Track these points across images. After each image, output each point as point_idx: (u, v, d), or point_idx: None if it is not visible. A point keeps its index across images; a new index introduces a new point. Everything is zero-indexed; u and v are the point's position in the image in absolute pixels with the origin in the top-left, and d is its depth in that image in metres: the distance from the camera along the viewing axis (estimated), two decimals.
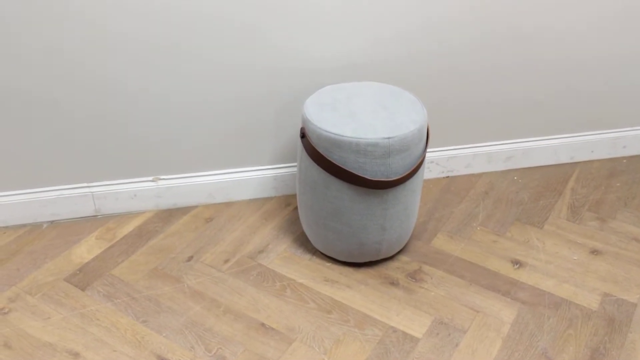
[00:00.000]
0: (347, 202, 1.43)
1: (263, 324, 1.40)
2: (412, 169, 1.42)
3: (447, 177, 1.89)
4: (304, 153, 1.46)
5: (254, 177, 1.74)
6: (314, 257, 1.59)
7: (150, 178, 1.69)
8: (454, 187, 1.85)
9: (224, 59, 1.54)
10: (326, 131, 1.37)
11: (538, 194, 1.82)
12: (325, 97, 1.49)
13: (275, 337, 1.37)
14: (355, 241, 1.48)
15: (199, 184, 1.71)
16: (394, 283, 1.51)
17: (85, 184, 1.66)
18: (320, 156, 1.39)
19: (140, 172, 1.67)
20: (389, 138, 1.35)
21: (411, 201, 1.48)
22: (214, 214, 1.73)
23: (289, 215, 1.73)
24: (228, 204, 1.76)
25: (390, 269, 1.55)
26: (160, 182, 1.69)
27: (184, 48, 1.50)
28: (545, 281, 1.52)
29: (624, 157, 1.99)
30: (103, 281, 1.50)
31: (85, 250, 1.59)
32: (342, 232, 1.47)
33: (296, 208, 1.75)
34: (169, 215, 1.72)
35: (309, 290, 1.49)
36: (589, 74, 1.80)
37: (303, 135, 1.44)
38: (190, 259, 1.57)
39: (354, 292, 1.49)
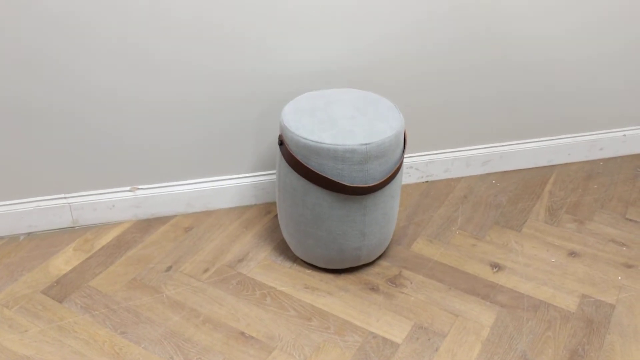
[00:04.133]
0: (326, 208, 1.43)
1: (243, 333, 1.39)
2: (390, 174, 1.42)
3: (427, 181, 1.90)
4: (283, 160, 1.45)
5: (234, 186, 1.73)
6: (295, 264, 1.58)
7: (128, 188, 1.68)
8: (433, 191, 1.86)
9: (202, 66, 1.54)
10: (304, 138, 1.37)
11: (516, 197, 1.83)
12: (304, 104, 1.49)
13: (255, 345, 1.36)
14: (335, 247, 1.48)
15: (177, 193, 1.70)
16: (374, 289, 1.51)
17: (62, 195, 1.64)
18: (298, 163, 1.39)
19: (118, 182, 1.66)
20: (366, 144, 1.36)
21: (390, 206, 1.49)
22: (193, 223, 1.72)
23: (269, 223, 1.72)
24: (207, 213, 1.76)
25: (370, 274, 1.55)
26: (138, 192, 1.68)
27: (161, 55, 1.50)
28: (524, 284, 1.53)
29: (600, 160, 2.01)
30: (81, 293, 1.49)
31: (63, 262, 1.58)
32: (322, 238, 1.47)
33: (276, 216, 1.75)
34: (147, 225, 1.71)
35: (289, 298, 1.48)
36: (565, 78, 1.82)
37: (281, 143, 1.44)
38: (169, 269, 1.56)
39: (335, 298, 1.48)
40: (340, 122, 1.42)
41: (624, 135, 1.98)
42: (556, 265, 1.59)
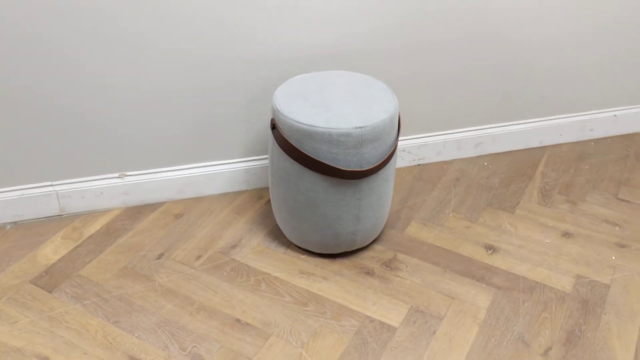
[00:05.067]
0: (320, 193, 1.41)
1: (238, 320, 1.37)
2: (385, 157, 1.41)
3: (419, 165, 1.88)
4: (275, 145, 1.43)
5: (225, 171, 1.71)
6: (289, 250, 1.56)
7: (117, 175, 1.64)
8: (425, 174, 1.85)
9: (192, 49, 1.50)
10: (298, 122, 1.35)
11: (509, 179, 1.83)
12: (296, 87, 1.46)
13: (251, 332, 1.34)
14: (330, 232, 1.47)
15: (167, 180, 1.67)
16: (369, 273, 1.50)
17: (49, 183, 1.60)
18: (292, 148, 1.37)
19: (106, 169, 1.62)
20: (361, 127, 1.34)
21: (385, 190, 1.47)
22: (183, 210, 1.69)
23: (261, 209, 1.70)
24: (198, 199, 1.73)
25: (365, 258, 1.54)
26: (127, 179, 1.65)
27: (149, 39, 1.46)
28: (519, 265, 1.53)
29: (591, 140, 2.01)
30: (71, 282, 1.46)
31: (51, 251, 1.54)
32: (317, 223, 1.45)
33: (269, 201, 1.73)
34: (137, 212, 1.68)
35: (284, 284, 1.47)
36: (556, 58, 1.81)
37: (274, 127, 1.42)
38: (160, 256, 1.53)
39: (330, 283, 1.47)
40: (334, 106, 1.39)
41: (615, 116, 1.98)
42: (550, 246, 1.59)
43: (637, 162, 1.91)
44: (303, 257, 1.55)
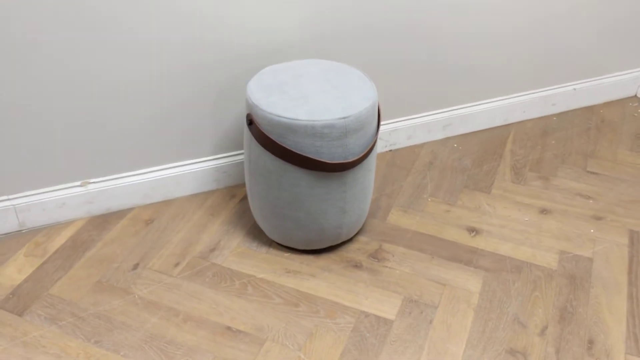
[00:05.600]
0: (304, 188, 1.35)
1: (229, 328, 1.31)
2: (369, 147, 1.36)
3: (390, 150, 1.85)
4: (253, 141, 1.36)
5: (194, 171, 1.62)
6: (271, 248, 1.50)
7: (79, 183, 1.53)
8: (398, 160, 1.82)
9: (153, 42, 1.41)
10: (278, 116, 1.29)
11: (480, 159, 1.82)
12: (269, 79, 1.40)
13: (244, 339, 1.28)
14: (315, 228, 1.42)
15: (133, 184, 1.57)
16: (357, 266, 1.46)
17: (5, 197, 1.48)
18: (273, 143, 1.31)
19: (67, 178, 1.51)
20: (344, 118, 1.29)
21: (368, 180, 1.43)
22: (153, 215, 1.60)
23: (236, 208, 1.63)
24: (167, 203, 1.64)
25: (351, 251, 1.50)
26: (90, 186, 1.54)
27: (106, 29, 1.35)
28: (503, 245, 1.52)
29: (554, 115, 2.03)
30: (42, 303, 1.35)
31: (15, 271, 1.43)
32: (301, 220, 1.40)
33: (243, 199, 1.66)
34: (103, 221, 1.57)
35: (271, 285, 1.41)
36: (515, 35, 1.81)
37: (251, 122, 1.35)
38: (136, 266, 1.44)
39: (319, 280, 1.42)
40: (313, 97, 1.34)
41: (574, 89, 2.00)
42: (530, 224, 1.59)
43: (599, 133, 1.95)
44: (287, 255, 1.49)
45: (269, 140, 1.31)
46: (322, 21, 1.54)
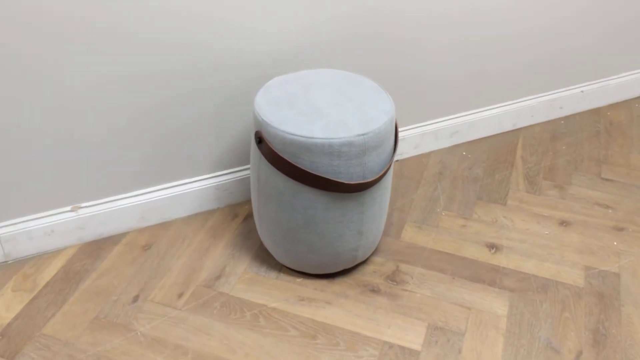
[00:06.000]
0: (320, 210, 1.25)
1: None
2: (388, 165, 1.27)
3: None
4: (263, 160, 1.25)
5: (192, 190, 1.51)
6: (281, 274, 1.40)
7: (69, 208, 1.41)
8: (406, 171, 1.72)
9: (147, 53, 1.29)
10: (291, 134, 1.18)
11: (491, 168, 1.74)
12: (277, 92, 1.29)
13: None
14: (330, 251, 1.31)
15: (127, 207, 1.45)
16: (375, 290, 1.37)
17: None
18: (285, 163, 1.20)
19: (55, 203, 1.39)
20: (364, 135, 1.19)
21: (385, 199, 1.34)
22: (150, 240, 1.48)
23: (239, 229, 1.52)
24: (165, 225, 1.52)
25: (366, 274, 1.41)
26: (81, 211, 1.42)
27: (97, 40, 1.23)
28: (526, 262, 1.44)
29: (561, 118, 1.96)
30: (35, 344, 1.22)
31: (3, 308, 1.30)
32: (315, 243, 1.30)
33: (246, 218, 1.54)
34: (96, 248, 1.45)
35: (285, 315, 1.30)
36: (524, 39, 1.73)
37: (260, 141, 1.24)
38: (136, 299, 1.33)
39: (335, 308, 1.32)
40: (327, 111, 1.23)
41: (582, 92, 1.94)
42: (551, 238, 1.51)
43: (609, 137, 1.88)
44: (298, 280, 1.39)
45: (281, 160, 1.20)
46: (327, 29, 1.43)
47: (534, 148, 1.83)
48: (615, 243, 1.50)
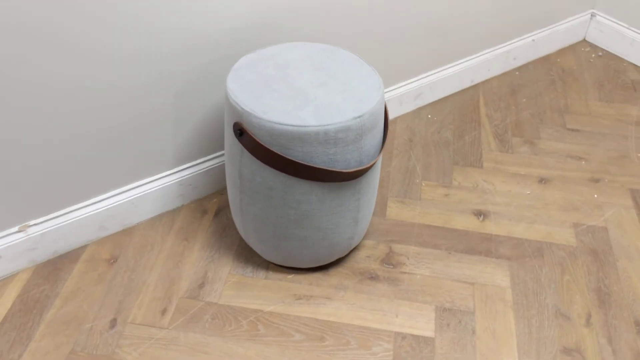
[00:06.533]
0: (314, 203, 1.13)
1: None
2: (382, 145, 1.17)
3: None
4: (245, 155, 1.11)
5: (154, 189, 1.34)
6: (270, 272, 1.28)
7: (16, 228, 1.21)
8: None
9: (91, 38, 1.10)
10: (280, 124, 1.05)
11: (459, 129, 1.68)
12: (249, 76, 1.14)
13: None
14: (325, 244, 1.21)
15: (83, 218, 1.27)
16: (373, 277, 1.28)
17: None
18: (275, 156, 1.07)
19: (0, 224, 1.19)
20: (359, 117, 1.07)
21: (377, 181, 1.24)
22: (114, 251, 1.31)
23: (212, 227, 1.37)
24: (127, 232, 1.35)
25: (360, 261, 1.31)
26: (31, 230, 1.22)
27: (41, 28, 1.03)
28: (516, 227, 1.40)
29: (515, 69, 1.92)
30: None
31: None
32: (309, 238, 1.19)
33: (217, 214, 1.40)
34: (53, 269, 1.27)
35: (284, 318, 1.19)
36: None
37: (241, 133, 1.09)
38: (114, 323, 1.17)
39: (337, 302, 1.23)
40: (313, 93, 1.10)
41: (533, 40, 1.90)
42: (533, 198, 1.48)
43: (564, 85, 1.86)
44: (290, 277, 1.28)
45: (269, 153, 1.07)
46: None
47: (495, 104, 1.78)
48: (595, 196, 1.49)
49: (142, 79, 1.19)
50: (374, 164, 1.13)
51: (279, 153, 1.07)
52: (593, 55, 2.00)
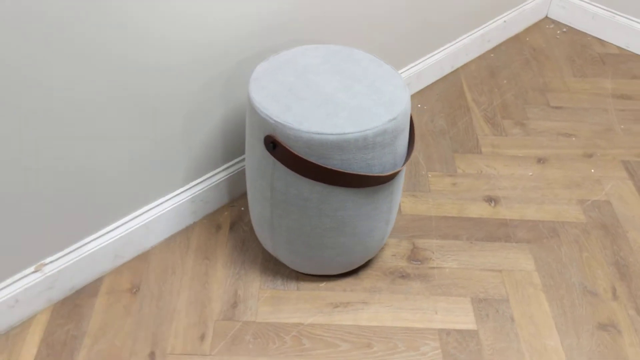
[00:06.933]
0: (351, 210, 1.11)
1: None
2: (412, 142, 1.15)
3: None
4: (279, 167, 1.08)
5: (168, 210, 1.28)
6: (301, 282, 1.25)
7: (32, 268, 1.12)
8: None
9: (96, 53, 1.02)
10: (319, 133, 1.01)
11: (451, 116, 1.69)
12: (271, 85, 1.10)
13: None
14: (359, 249, 1.19)
15: (99, 248, 1.20)
16: (404, 276, 1.28)
17: None
18: (314, 167, 1.04)
19: (15, 267, 1.10)
20: (394, 119, 1.06)
21: (403, 179, 1.23)
22: (134, 280, 1.24)
23: (230, 241, 1.33)
24: (143, 258, 1.28)
25: (387, 260, 1.31)
26: (47, 268, 1.14)
27: (50, 46, 0.95)
28: (527, 209, 1.43)
29: (489, 51, 1.95)
30: None
31: None
32: (344, 245, 1.16)
33: (232, 228, 1.35)
34: (73, 306, 1.19)
35: (327, 329, 1.17)
36: None
37: (274, 146, 1.05)
38: (153, 356, 1.11)
39: (375, 306, 1.22)
40: (341, 98, 1.08)
41: (504, 22, 1.93)
42: (536, 178, 1.51)
43: (538, 63, 1.91)
44: (322, 285, 1.25)
45: (306, 165, 1.04)
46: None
47: (478, 87, 1.80)
48: (592, 171, 1.54)
49: (151, 98, 1.12)
50: (404, 163, 1.12)
51: (317, 163, 1.03)
52: (558, 32, 2.06)
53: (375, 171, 1.08)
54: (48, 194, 1.07)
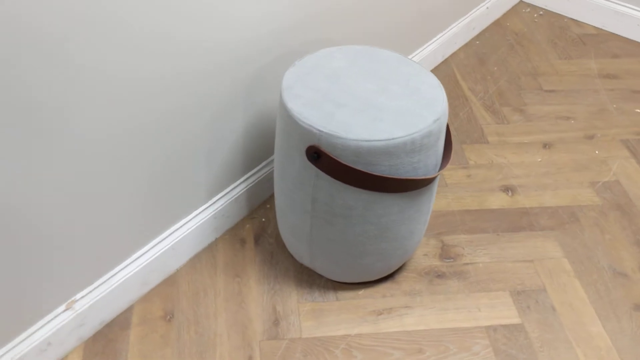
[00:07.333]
0: (395, 215, 1.08)
1: None
2: (451, 143, 1.13)
3: None
4: (322, 178, 1.03)
5: (192, 229, 1.21)
6: (338, 291, 1.22)
7: (63, 307, 1.04)
8: None
9: (115, 74, 0.95)
10: (367, 140, 0.98)
11: (451, 107, 1.68)
12: (304, 91, 1.05)
13: None
14: (399, 253, 1.17)
15: (128, 278, 1.12)
16: (440, 275, 1.26)
17: None
18: (362, 175, 1.00)
19: (46, 307, 1.02)
20: (438, 119, 1.03)
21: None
22: (166, 305, 1.17)
23: (258, 256, 1.27)
24: (170, 282, 1.21)
25: (420, 260, 1.29)
26: (77, 305, 1.06)
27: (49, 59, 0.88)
28: (543, 196, 1.44)
29: (475, 39, 1.95)
30: None
31: None
32: (386, 251, 1.14)
33: (258, 241, 1.29)
34: (106, 342, 1.11)
35: (375, 338, 1.14)
36: None
37: (318, 156, 1.01)
38: None
39: (418, 309, 1.19)
40: (380, 101, 1.04)
41: (487, 8, 1.93)
42: (546, 164, 1.52)
43: (523, 48, 1.92)
44: (361, 292, 1.22)
45: (354, 173, 1.00)
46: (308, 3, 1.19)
47: (471, 76, 1.80)
48: (596, 152, 1.57)
49: (176, 112, 1.06)
50: (445, 162, 1.10)
51: (365, 171, 1.00)
52: (535, 15, 2.08)
53: (420, 174, 1.05)
54: (79, 228, 0.99)
